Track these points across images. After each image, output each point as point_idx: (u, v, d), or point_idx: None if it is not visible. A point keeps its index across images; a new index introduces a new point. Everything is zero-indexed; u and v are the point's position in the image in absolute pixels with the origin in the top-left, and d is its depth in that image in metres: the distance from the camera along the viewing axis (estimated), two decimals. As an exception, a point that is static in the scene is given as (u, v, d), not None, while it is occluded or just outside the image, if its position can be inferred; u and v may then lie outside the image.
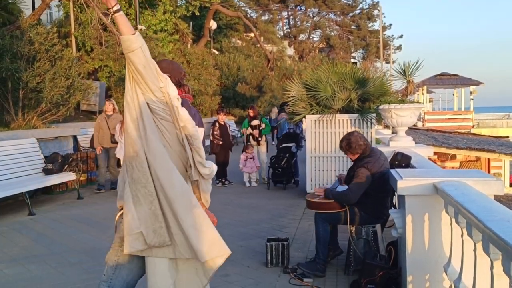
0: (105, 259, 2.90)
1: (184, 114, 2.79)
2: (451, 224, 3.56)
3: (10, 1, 16.62)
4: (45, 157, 9.47)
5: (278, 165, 10.35)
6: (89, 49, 18.13)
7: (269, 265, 5.28)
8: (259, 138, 11.25)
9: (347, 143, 5.01)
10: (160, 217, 2.72)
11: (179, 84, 3.02)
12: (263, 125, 11.32)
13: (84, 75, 13.82)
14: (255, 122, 11.24)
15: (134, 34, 2.59)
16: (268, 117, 18.68)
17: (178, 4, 23.59)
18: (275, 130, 17.01)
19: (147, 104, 2.71)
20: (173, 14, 22.11)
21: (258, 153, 11.26)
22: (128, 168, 2.75)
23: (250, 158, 10.80)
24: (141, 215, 2.72)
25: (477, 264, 2.90)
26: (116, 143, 9.63)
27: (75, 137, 12.35)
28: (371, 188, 4.84)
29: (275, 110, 17.39)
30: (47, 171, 9.09)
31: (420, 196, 3.90)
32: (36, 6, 18.13)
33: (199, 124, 2.99)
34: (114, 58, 17.28)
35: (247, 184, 10.89)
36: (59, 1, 20.24)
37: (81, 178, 10.16)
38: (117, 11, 2.61)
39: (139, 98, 2.70)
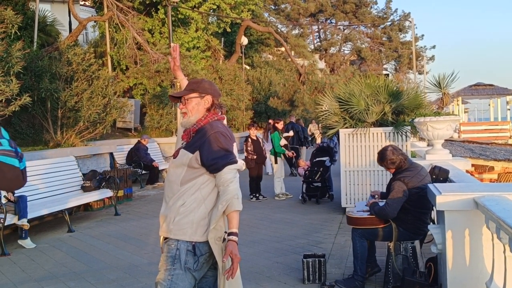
0: (156, 280, 2.91)
1: None
2: (492, 239, 3.49)
3: (48, 23, 17.20)
4: (83, 174, 9.68)
5: (312, 179, 10.32)
6: (124, 68, 18.53)
7: (306, 281, 5.24)
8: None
9: (380, 158, 5.04)
10: None
11: (218, 106, 3.08)
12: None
13: (119, 93, 14.15)
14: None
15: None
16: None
17: (210, 22, 23.91)
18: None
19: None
20: (205, 31, 22.42)
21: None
22: None
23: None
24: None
25: (521, 282, 2.83)
26: None
27: (111, 154, 12.63)
28: (410, 204, 4.76)
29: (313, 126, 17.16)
30: (85, 188, 9.29)
31: (460, 212, 3.83)
32: (73, 27, 18.66)
33: (232, 139, 3.05)
34: (148, 76, 17.62)
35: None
36: (94, 22, 20.79)
37: (118, 195, 10.29)
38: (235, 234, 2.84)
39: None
